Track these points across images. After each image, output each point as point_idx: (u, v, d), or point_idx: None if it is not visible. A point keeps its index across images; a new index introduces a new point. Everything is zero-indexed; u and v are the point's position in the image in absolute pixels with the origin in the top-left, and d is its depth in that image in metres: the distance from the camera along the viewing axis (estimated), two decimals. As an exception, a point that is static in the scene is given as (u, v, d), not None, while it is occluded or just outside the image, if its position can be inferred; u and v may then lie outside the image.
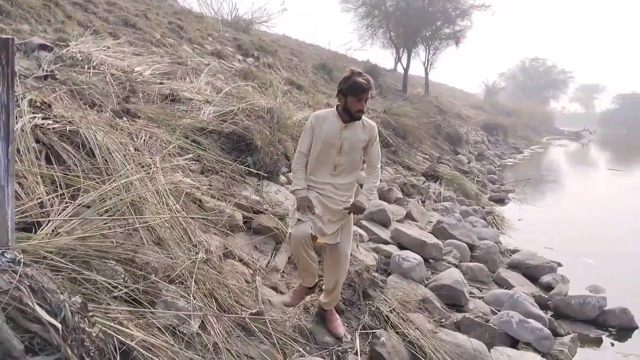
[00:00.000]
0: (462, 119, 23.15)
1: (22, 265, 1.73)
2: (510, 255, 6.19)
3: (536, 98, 55.32)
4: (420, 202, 7.43)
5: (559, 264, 6.17)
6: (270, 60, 12.08)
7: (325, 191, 3.06)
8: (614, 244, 7.54)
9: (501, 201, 10.46)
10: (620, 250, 7.16)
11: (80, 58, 5.15)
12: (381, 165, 3.27)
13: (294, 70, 13.31)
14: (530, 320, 3.77)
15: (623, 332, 4.52)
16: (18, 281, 1.67)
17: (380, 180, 7.66)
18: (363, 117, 3.05)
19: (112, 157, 2.99)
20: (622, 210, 10.29)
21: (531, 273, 5.61)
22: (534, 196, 11.52)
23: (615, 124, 64.35)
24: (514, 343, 3.69)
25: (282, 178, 5.27)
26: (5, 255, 1.75)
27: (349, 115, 2.97)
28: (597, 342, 4.35)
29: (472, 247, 5.88)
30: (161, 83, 5.86)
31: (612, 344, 4.31)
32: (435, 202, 7.99)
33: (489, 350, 3.41)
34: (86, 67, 5.08)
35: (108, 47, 5.94)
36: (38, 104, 3.27)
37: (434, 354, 3.02)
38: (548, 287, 5.29)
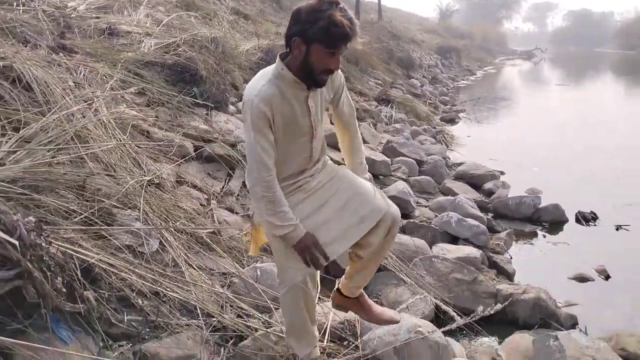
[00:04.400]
0: (416, 43, 23.10)
1: (-30, 189, 1.81)
2: (457, 168, 6.56)
3: (490, 18, 55.38)
4: (371, 126, 7.63)
5: (502, 172, 6.61)
6: (214, -10, 11.56)
7: (304, 181, 2.01)
8: (555, 152, 8.05)
9: (452, 121, 10.82)
10: (560, 157, 7.69)
11: (6, -6, 4.86)
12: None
13: (239, -1, 12.81)
14: (467, 219, 4.13)
15: (555, 225, 5.01)
16: (-32, 203, 1.75)
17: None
18: None
19: (51, 90, 2.98)
20: (565, 122, 10.84)
21: (475, 182, 6.01)
22: (483, 114, 11.94)
23: (567, 41, 65.52)
24: (453, 240, 4.06)
25: (231, 108, 5.31)
26: (-48, 181, 1.83)
27: (309, 77, 1.82)
28: (532, 235, 4.82)
29: (420, 163, 6.20)
30: (97, 17, 5.62)
31: (544, 236, 4.79)
32: (387, 124, 8.23)
33: (430, 247, 3.75)
34: (14, 4, 4.82)
35: (35, -18, 5.59)
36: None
37: (379, 252, 3.31)
38: (490, 193, 5.70)
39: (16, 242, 1.85)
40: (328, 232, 1.94)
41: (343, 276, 2.20)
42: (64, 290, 2.07)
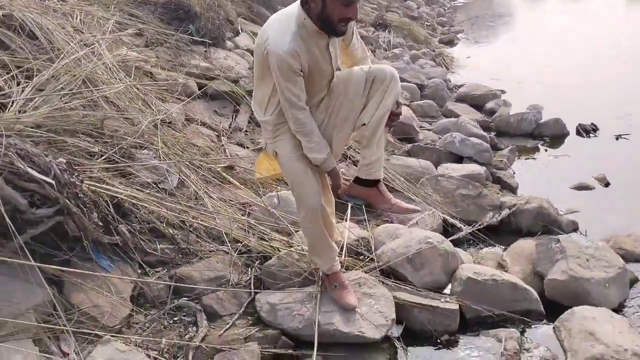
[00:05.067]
0: (410, -38, 22.06)
1: (4, 137, 1.91)
2: (457, 90, 6.57)
3: None
4: (370, 52, 7.55)
5: (503, 91, 6.63)
6: None
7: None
8: (555, 67, 8.00)
9: (450, 42, 10.64)
10: (560, 72, 7.66)
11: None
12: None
13: None
14: (470, 138, 4.24)
15: (556, 139, 5.12)
16: (5, 149, 1.87)
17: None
18: None
19: (54, 37, 3.00)
20: (564, 35, 10.64)
21: (476, 102, 6.05)
22: (482, 34, 11.70)
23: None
24: (458, 160, 4.19)
25: (229, 43, 5.27)
26: (-16, 129, 1.93)
27: (329, 27, 1.89)
28: (534, 150, 4.95)
29: (421, 87, 6.22)
30: (82, -43, 5.44)
31: (546, 150, 4.92)
32: (386, 50, 8.12)
33: (436, 168, 3.90)
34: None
35: None
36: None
37: (386, 174, 3.45)
38: (492, 112, 5.77)
39: (52, 182, 1.98)
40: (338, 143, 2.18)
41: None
42: (101, 224, 2.24)
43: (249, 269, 2.60)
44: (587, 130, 5.13)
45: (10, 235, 1.92)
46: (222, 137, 3.83)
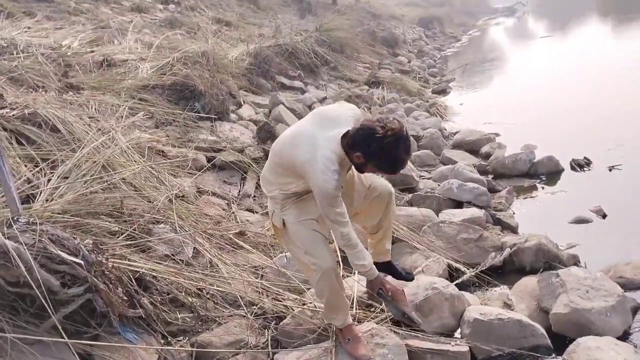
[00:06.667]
0: (397, 19, 23.21)
1: (37, 224, 2.14)
2: (453, 137, 6.83)
3: (467, -19, 54.86)
4: (366, 110, 7.91)
5: (497, 134, 6.87)
6: (192, 2, 11.83)
7: None
8: (545, 106, 8.29)
9: (443, 92, 11.05)
10: (551, 110, 7.93)
11: (6, 45, 5.18)
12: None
13: (218, 7, 13.05)
14: (467, 183, 4.42)
15: (551, 176, 5.29)
16: (39, 235, 2.08)
17: (326, 97, 7.98)
18: None
19: (74, 128, 3.30)
20: (552, 74, 11.04)
21: (472, 147, 6.28)
22: (473, 80, 12.15)
23: (547, -9, 64.72)
24: (458, 205, 4.36)
25: (233, 115, 5.62)
26: (20, 220, 2.15)
27: (357, 169, 2.26)
28: (531, 189, 5.10)
29: (417, 138, 6.48)
30: (92, 51, 5.94)
31: (543, 188, 5.08)
32: (380, 106, 8.50)
33: (437, 215, 4.06)
34: (14, 52, 5.14)
35: (29, 27, 5.91)
36: (-13, 98, 3.48)
37: (390, 226, 3.62)
38: (487, 156, 5.97)
39: (81, 262, 2.18)
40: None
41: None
42: (125, 298, 2.41)
43: (266, 330, 2.73)
44: (580, 165, 5.31)
45: (44, 315, 2.10)
46: (232, 205, 4.06)
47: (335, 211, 2.15)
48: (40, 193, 2.64)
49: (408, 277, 2.66)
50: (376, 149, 2.04)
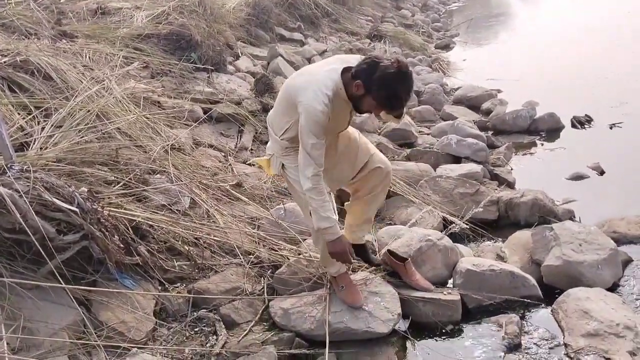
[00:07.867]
0: (402, -30, 22.40)
1: (31, 172, 2.13)
2: (454, 93, 6.74)
3: None
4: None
5: (499, 91, 6.77)
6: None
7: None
8: (550, 62, 8.13)
9: (447, 47, 10.79)
10: (555, 67, 7.79)
11: (-5, -9, 5.01)
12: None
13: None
14: (467, 138, 4.39)
15: (552, 133, 5.24)
16: (33, 183, 2.08)
17: (326, 50, 7.83)
18: None
19: (67, 76, 3.24)
20: (560, 30, 10.77)
21: (473, 103, 6.20)
22: (477, 35, 11.84)
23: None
24: (456, 161, 4.34)
25: (230, 67, 5.51)
26: (14, 167, 2.14)
27: (356, 108, 2.21)
28: (530, 145, 5.08)
29: (418, 93, 6.39)
30: (85, -1, 5.76)
31: (542, 144, 5.05)
32: (382, 60, 8.31)
33: (434, 170, 4.06)
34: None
35: (18, -27, 5.70)
36: (-23, 44, 3.40)
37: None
38: (488, 112, 5.90)
39: (77, 209, 2.18)
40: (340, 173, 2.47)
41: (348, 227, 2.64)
42: (122, 246, 2.43)
43: (262, 279, 2.78)
44: (581, 122, 5.25)
45: (41, 261, 2.12)
46: (229, 157, 4.04)
47: (313, 142, 2.10)
48: (34, 141, 2.62)
49: (375, 260, 2.74)
50: (378, 78, 2.00)
